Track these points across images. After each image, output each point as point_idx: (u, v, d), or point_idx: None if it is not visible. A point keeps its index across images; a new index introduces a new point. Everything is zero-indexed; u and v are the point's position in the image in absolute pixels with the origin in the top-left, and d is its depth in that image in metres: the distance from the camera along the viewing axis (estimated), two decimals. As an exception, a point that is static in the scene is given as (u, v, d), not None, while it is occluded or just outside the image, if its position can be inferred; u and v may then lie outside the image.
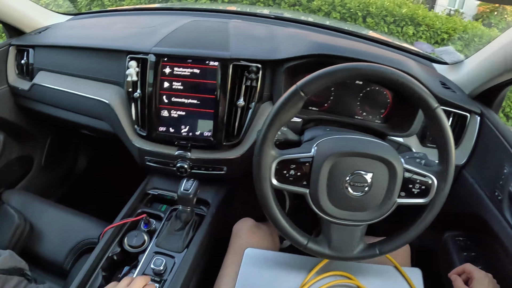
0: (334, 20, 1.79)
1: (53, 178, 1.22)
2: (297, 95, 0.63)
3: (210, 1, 3.46)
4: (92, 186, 1.35)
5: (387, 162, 0.67)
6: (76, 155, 1.32)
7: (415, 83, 0.64)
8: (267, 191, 0.68)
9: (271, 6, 3.69)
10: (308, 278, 0.76)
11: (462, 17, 4.38)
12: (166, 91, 0.87)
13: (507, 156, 0.84)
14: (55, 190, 1.24)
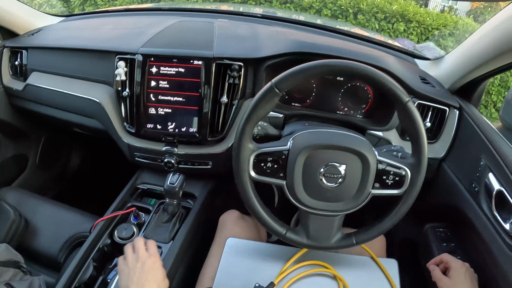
0: (325, 18, 1.81)
1: (48, 176, 1.26)
2: (272, 92, 0.66)
3: (203, 0, 3.49)
4: (86, 183, 1.39)
5: (360, 154, 0.70)
6: (70, 153, 1.36)
7: (385, 78, 0.66)
8: (246, 183, 0.71)
9: (263, 4, 3.70)
10: (286, 266, 0.79)
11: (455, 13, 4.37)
12: (153, 89, 0.91)
13: (484, 148, 0.86)
14: (49, 188, 1.28)
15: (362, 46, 1.07)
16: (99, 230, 0.89)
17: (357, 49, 1.00)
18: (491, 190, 0.81)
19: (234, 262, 0.80)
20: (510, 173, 0.77)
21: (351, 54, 0.87)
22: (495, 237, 0.78)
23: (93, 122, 1.00)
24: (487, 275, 0.80)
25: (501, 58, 0.82)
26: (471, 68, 0.89)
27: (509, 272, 0.72)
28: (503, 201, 0.78)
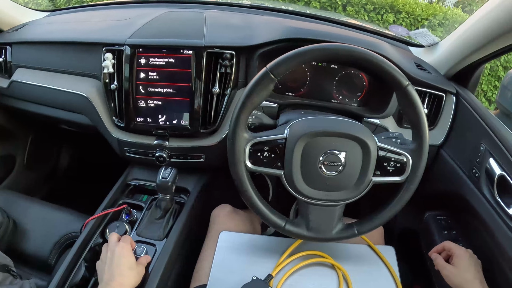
0: (314, 10, 1.79)
1: (37, 176, 1.22)
2: (267, 77, 0.64)
3: None
4: (76, 181, 1.35)
5: (360, 140, 0.68)
6: (59, 152, 1.32)
7: (385, 62, 0.64)
8: (243, 174, 0.69)
9: None
10: (282, 258, 0.77)
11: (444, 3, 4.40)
12: (143, 81, 0.88)
13: (483, 133, 0.85)
14: (39, 188, 1.24)
15: (357, 33, 1.05)
16: (90, 229, 0.85)
17: (354, 35, 0.98)
18: (492, 175, 0.79)
19: (228, 256, 0.77)
20: (511, 157, 0.76)
21: (347, 39, 0.85)
22: (499, 223, 0.76)
23: (81, 118, 0.97)
24: (491, 262, 0.79)
25: (497, 42, 0.81)
26: (467, 53, 0.88)
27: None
28: (505, 186, 0.76)
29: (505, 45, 0.81)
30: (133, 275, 0.66)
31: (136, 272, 0.67)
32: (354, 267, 0.79)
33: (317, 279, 0.76)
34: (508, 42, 0.80)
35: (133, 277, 0.65)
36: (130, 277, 0.65)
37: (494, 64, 3.57)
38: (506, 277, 0.73)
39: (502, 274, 0.75)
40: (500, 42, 0.80)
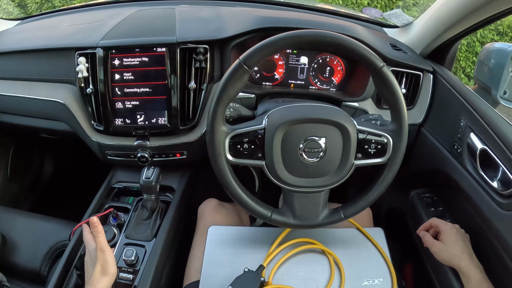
0: None
1: (21, 186, 1.21)
2: (241, 69, 0.63)
3: None
4: (62, 189, 1.34)
5: (339, 125, 0.68)
6: (42, 160, 1.30)
7: (358, 45, 0.63)
8: (224, 167, 0.68)
9: None
10: (272, 248, 0.77)
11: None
12: (118, 83, 0.87)
13: (462, 109, 0.86)
14: (25, 198, 1.22)
15: (329, 18, 1.05)
16: (79, 237, 0.85)
17: (326, 20, 0.98)
18: (474, 150, 0.80)
19: (218, 250, 0.77)
20: (492, 131, 0.77)
21: (319, 25, 0.85)
22: (483, 197, 0.77)
23: (60, 125, 0.95)
24: (479, 235, 0.80)
25: (469, 18, 0.81)
26: (441, 30, 0.88)
27: (501, 229, 0.72)
28: (488, 160, 0.77)
29: (477, 21, 0.81)
30: (105, 280, 0.65)
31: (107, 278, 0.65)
32: (344, 251, 0.79)
33: (309, 266, 0.77)
34: (480, 18, 0.81)
35: (105, 282, 0.64)
36: (102, 282, 0.64)
37: (471, 40, 3.60)
38: (494, 248, 0.74)
39: (490, 246, 0.76)
40: (472, 18, 0.81)
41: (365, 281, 0.75)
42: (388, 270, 0.78)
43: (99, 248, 0.65)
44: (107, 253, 0.65)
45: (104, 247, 0.65)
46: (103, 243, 0.66)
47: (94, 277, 0.63)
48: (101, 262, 0.64)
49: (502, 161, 0.73)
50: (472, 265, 0.73)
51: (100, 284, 0.63)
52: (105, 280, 0.63)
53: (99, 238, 0.66)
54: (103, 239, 0.67)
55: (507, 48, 0.92)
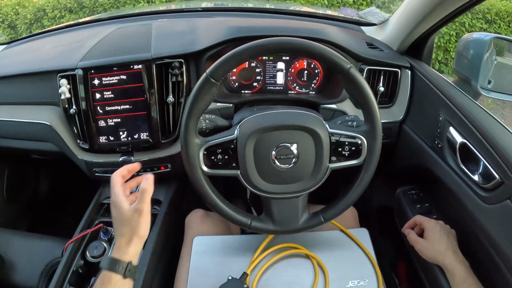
0: (274, 1, 1.76)
1: (18, 206, 1.24)
2: (208, 83, 0.64)
3: (148, 3, 3.45)
4: (58, 206, 1.37)
5: (309, 130, 0.68)
6: (37, 180, 1.34)
7: (322, 48, 0.64)
8: (200, 179, 0.70)
9: None
10: (256, 255, 0.78)
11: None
12: (99, 101, 0.89)
13: (441, 103, 0.85)
14: (22, 218, 1.26)
15: (303, 22, 1.05)
16: (70, 253, 0.87)
17: (295, 25, 0.99)
18: (454, 144, 0.80)
19: (204, 260, 0.78)
20: (470, 123, 0.76)
21: (288, 31, 0.85)
22: (466, 191, 0.77)
23: (48, 146, 0.98)
24: (465, 230, 0.80)
25: (439, 10, 0.81)
26: (413, 25, 0.88)
27: (485, 223, 0.72)
28: (468, 153, 0.77)
29: (447, 13, 0.81)
30: (134, 245, 0.60)
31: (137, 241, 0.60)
32: (328, 254, 0.79)
33: (293, 271, 0.77)
34: (449, 10, 0.81)
35: (135, 246, 0.60)
36: (132, 245, 0.59)
37: (460, 31, 3.56)
38: (480, 243, 0.74)
39: (476, 241, 0.76)
40: (441, 10, 0.81)
41: (350, 282, 0.76)
42: (373, 270, 0.78)
43: (138, 209, 0.59)
44: (145, 216, 0.60)
45: (146, 208, 0.60)
46: (145, 205, 0.60)
47: (123, 238, 0.59)
48: (136, 224, 0.59)
49: (482, 154, 0.73)
50: (456, 261, 0.72)
51: (131, 247, 0.59)
52: (137, 244, 0.60)
53: (145, 197, 0.61)
54: (148, 199, 0.61)
55: (483, 38, 0.91)
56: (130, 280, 0.58)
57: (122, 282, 0.56)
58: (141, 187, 0.62)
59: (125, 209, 0.60)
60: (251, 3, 1.41)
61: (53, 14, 3.88)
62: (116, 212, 0.62)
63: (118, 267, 0.56)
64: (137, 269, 0.60)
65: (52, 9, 3.91)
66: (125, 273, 0.57)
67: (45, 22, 3.84)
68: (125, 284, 0.57)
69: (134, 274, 0.59)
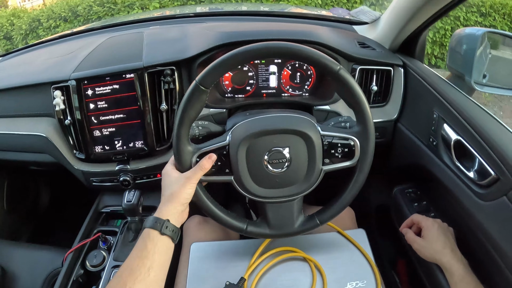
0: (268, 4, 1.76)
1: (20, 218, 1.25)
2: (198, 90, 0.64)
3: (142, 10, 3.46)
4: (59, 216, 1.38)
5: (300, 133, 0.68)
6: (37, 190, 1.35)
7: (310, 51, 0.63)
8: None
9: (203, 2, 3.67)
10: (253, 259, 0.77)
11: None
12: (94, 111, 0.89)
13: (434, 100, 0.85)
14: (24, 229, 1.27)
15: (294, 24, 1.05)
16: (70, 262, 0.88)
17: (286, 28, 0.99)
18: (448, 141, 0.79)
19: (201, 266, 0.79)
20: (464, 120, 0.76)
21: (278, 34, 0.85)
22: (462, 188, 0.76)
23: (45, 157, 0.98)
24: (462, 227, 0.79)
25: (428, 7, 0.81)
26: (403, 22, 0.88)
27: (482, 220, 0.71)
28: (463, 150, 0.76)
29: (437, 10, 0.81)
30: (170, 206, 0.63)
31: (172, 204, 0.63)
32: (325, 256, 0.79)
33: (290, 274, 0.77)
34: (439, 6, 0.80)
35: (170, 207, 0.63)
36: (166, 205, 0.63)
37: (455, 26, 3.54)
38: (478, 240, 0.73)
39: (474, 239, 0.75)
40: (431, 7, 0.80)
41: (348, 284, 0.75)
42: (371, 271, 0.78)
43: (186, 176, 0.65)
44: (190, 184, 0.64)
45: (194, 179, 0.65)
46: (195, 176, 0.65)
47: (162, 201, 0.65)
48: (177, 188, 0.64)
49: (477, 151, 0.73)
50: (454, 260, 0.72)
51: (166, 206, 0.63)
52: (173, 205, 0.63)
53: (197, 170, 0.65)
54: (200, 173, 0.65)
55: (476, 33, 0.90)
56: (168, 238, 0.61)
57: (159, 238, 0.60)
58: (200, 162, 0.67)
59: (172, 175, 0.67)
60: (245, 6, 1.41)
61: (48, 24, 3.92)
62: (165, 179, 0.68)
63: (156, 223, 0.61)
64: (176, 229, 0.63)
65: (47, 19, 3.95)
66: (161, 229, 0.60)
67: (41, 32, 3.87)
68: (163, 241, 0.61)
69: (173, 233, 0.62)
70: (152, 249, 0.59)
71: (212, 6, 1.44)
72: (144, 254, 0.58)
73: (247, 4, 1.44)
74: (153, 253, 0.59)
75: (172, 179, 0.66)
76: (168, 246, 0.62)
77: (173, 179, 0.66)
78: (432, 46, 3.80)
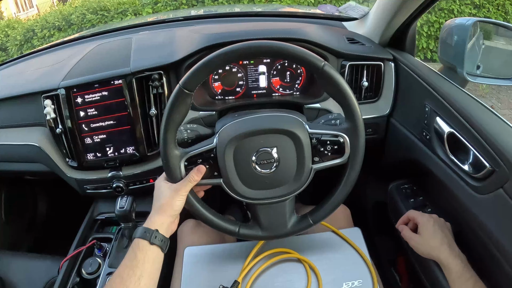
0: (260, 4, 1.75)
1: (18, 228, 1.26)
2: (182, 94, 0.63)
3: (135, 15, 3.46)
4: (58, 225, 1.38)
5: (288, 132, 0.67)
6: (35, 200, 1.35)
7: (293, 48, 0.62)
8: None
9: (195, 5, 3.67)
10: (247, 262, 0.77)
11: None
12: (84, 119, 0.89)
13: (425, 93, 0.84)
14: (23, 239, 1.27)
15: (282, 23, 1.04)
16: (66, 270, 0.88)
17: (273, 27, 0.98)
18: (441, 134, 0.78)
19: (195, 270, 0.78)
20: (456, 112, 0.74)
21: (264, 33, 0.85)
22: (458, 182, 0.75)
23: (38, 166, 0.99)
24: (460, 222, 0.78)
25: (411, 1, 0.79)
26: (391, 15, 0.87)
27: (479, 214, 0.70)
28: (456, 143, 0.75)
29: (422, 1, 0.79)
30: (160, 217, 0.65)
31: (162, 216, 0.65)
32: (320, 256, 0.78)
33: (285, 276, 0.76)
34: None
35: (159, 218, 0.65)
36: (155, 216, 0.65)
37: (448, 18, 3.51)
38: (475, 235, 0.72)
39: (472, 233, 0.74)
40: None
41: (344, 284, 0.74)
42: (367, 270, 0.76)
43: (175, 188, 0.65)
44: (179, 196, 0.65)
45: (183, 191, 0.65)
46: (184, 189, 0.65)
47: (152, 212, 0.66)
48: (167, 200, 0.65)
49: (470, 143, 0.71)
50: (452, 256, 0.71)
51: (155, 217, 0.65)
52: (162, 216, 0.65)
53: (186, 183, 0.65)
54: (189, 185, 0.66)
55: (465, 23, 0.88)
56: (157, 248, 0.63)
57: (148, 247, 0.62)
58: (189, 174, 0.67)
59: (161, 186, 0.68)
60: (238, 8, 1.40)
61: (43, 34, 3.95)
62: (155, 190, 0.69)
63: (145, 233, 0.62)
64: (166, 239, 0.65)
65: (41, 29, 3.98)
66: (151, 239, 0.62)
67: (35, 42, 3.91)
68: (153, 250, 0.62)
69: (162, 243, 0.63)
70: (142, 259, 0.60)
71: (204, 9, 1.43)
72: (134, 264, 0.60)
73: (239, 6, 1.43)
74: (143, 263, 0.60)
75: (162, 190, 0.67)
76: (158, 256, 0.63)
77: (163, 190, 0.67)
78: (427, 40, 3.78)
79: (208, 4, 3.53)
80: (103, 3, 3.93)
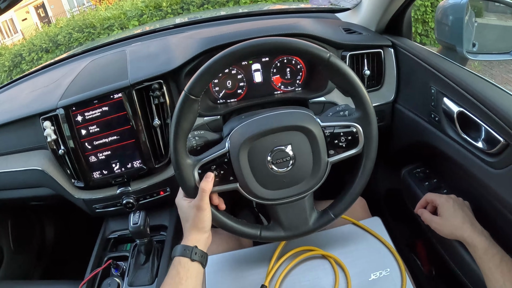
0: (245, 6, 1.74)
1: (28, 257, 1.22)
2: (188, 100, 0.62)
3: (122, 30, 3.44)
4: (69, 250, 1.35)
5: (300, 128, 0.66)
6: (42, 227, 1.32)
7: (298, 42, 0.62)
8: None
9: (181, 14, 3.66)
10: (271, 264, 0.75)
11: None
12: (86, 137, 0.87)
13: (429, 75, 0.83)
14: (34, 268, 1.24)
15: (276, 20, 1.04)
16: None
17: (268, 24, 0.97)
18: (451, 114, 0.78)
19: (219, 279, 0.76)
20: (463, 91, 0.74)
21: (261, 31, 0.84)
22: (473, 160, 0.74)
23: (44, 191, 0.96)
24: (478, 199, 0.77)
25: None
26: (387, 2, 0.86)
27: (497, 189, 0.69)
28: (467, 121, 0.74)
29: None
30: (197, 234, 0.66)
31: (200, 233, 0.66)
32: (344, 250, 0.77)
33: (311, 274, 0.75)
34: None
35: (196, 235, 0.66)
36: (192, 235, 0.66)
37: (435, 2, 3.54)
38: (496, 210, 0.72)
39: (492, 208, 0.73)
40: None
41: (372, 275, 0.73)
42: (393, 258, 0.76)
43: (196, 206, 0.65)
44: (203, 212, 0.65)
45: (204, 205, 0.65)
46: (203, 202, 0.65)
47: (185, 231, 0.67)
48: (194, 219, 0.66)
49: (482, 120, 0.71)
50: (476, 233, 0.70)
51: (191, 235, 0.66)
52: (197, 234, 0.66)
53: (203, 195, 0.65)
54: (206, 197, 0.65)
55: (460, 1, 0.88)
56: (198, 264, 0.64)
57: (190, 264, 0.63)
58: (200, 186, 0.66)
59: (183, 206, 0.68)
60: (224, 11, 1.39)
61: (31, 57, 3.90)
62: (179, 210, 0.70)
63: (185, 251, 0.64)
64: (205, 254, 0.66)
65: (28, 53, 3.92)
66: (191, 255, 0.63)
67: (24, 66, 3.86)
68: (194, 266, 0.64)
69: (202, 258, 0.65)
70: (184, 275, 0.62)
71: (190, 16, 1.42)
72: (177, 281, 0.61)
73: (225, 9, 1.42)
74: (186, 279, 0.62)
75: (185, 210, 0.68)
76: (199, 271, 0.65)
77: (186, 210, 0.67)
78: (415, 24, 3.80)
79: (194, 11, 3.52)
80: (88, 20, 3.89)
